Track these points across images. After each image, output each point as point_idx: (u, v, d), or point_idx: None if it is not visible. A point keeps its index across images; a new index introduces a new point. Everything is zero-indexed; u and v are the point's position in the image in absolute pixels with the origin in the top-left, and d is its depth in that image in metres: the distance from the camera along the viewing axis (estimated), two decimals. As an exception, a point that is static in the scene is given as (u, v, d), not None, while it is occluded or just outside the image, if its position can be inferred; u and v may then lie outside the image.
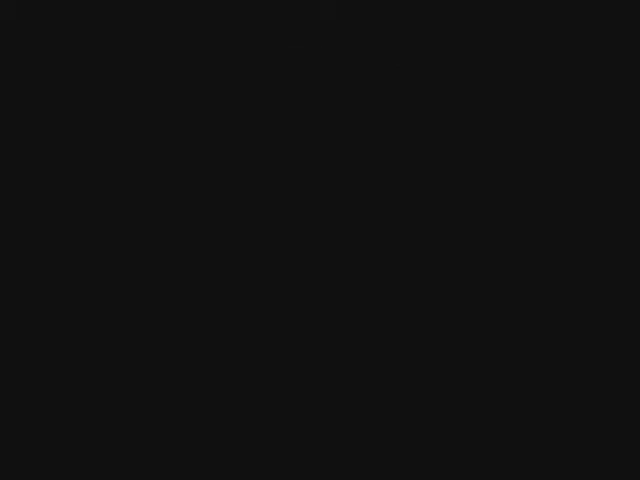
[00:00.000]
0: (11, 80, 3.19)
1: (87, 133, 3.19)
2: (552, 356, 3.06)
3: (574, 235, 3.13)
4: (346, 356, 3.07)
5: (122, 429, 3.00)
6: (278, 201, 3.16)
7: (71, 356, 3.06)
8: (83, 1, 3.23)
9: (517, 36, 3.22)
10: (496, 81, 3.20)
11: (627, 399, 3.01)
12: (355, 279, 3.12)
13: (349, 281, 3.11)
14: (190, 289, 3.10)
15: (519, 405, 3.03)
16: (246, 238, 3.13)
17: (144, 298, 3.09)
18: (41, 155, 3.16)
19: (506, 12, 3.22)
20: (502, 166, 3.16)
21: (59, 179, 3.15)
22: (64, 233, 3.13)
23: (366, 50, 3.21)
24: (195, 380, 3.05)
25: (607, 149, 3.17)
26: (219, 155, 3.17)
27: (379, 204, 3.15)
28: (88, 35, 3.23)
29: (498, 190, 3.16)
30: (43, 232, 3.13)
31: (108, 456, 2.99)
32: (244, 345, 3.08)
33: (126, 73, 3.21)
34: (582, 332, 3.07)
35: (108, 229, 3.13)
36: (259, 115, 3.19)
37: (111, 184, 3.16)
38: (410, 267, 3.12)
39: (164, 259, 3.12)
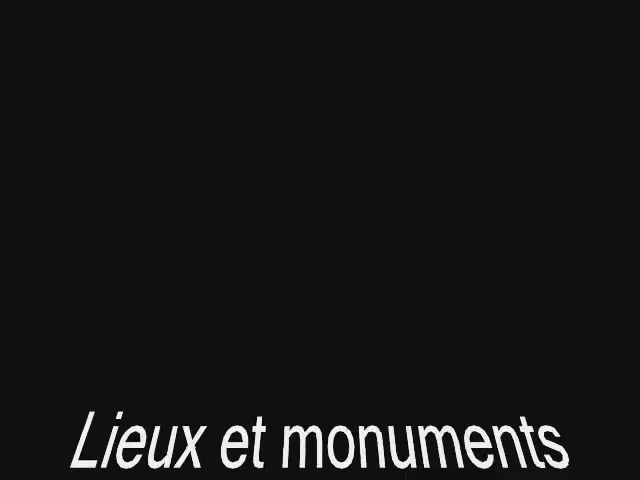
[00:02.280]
0: (11, 80, 3.20)
1: (87, 133, 3.19)
2: (552, 355, 3.06)
3: (574, 234, 3.14)
4: (346, 355, 3.08)
5: (122, 428, 3.01)
6: (278, 200, 3.16)
7: (71, 355, 3.06)
8: (83, 1, 3.24)
9: (517, 36, 3.22)
10: (496, 81, 3.21)
11: (627, 398, 3.02)
12: (355, 278, 3.12)
13: (349, 280, 3.12)
14: (190, 288, 3.11)
15: (519, 404, 3.04)
16: (246, 237, 3.14)
17: (144, 297, 3.10)
18: (41, 155, 3.17)
19: (506, 12, 3.23)
20: (501, 166, 3.17)
21: (59, 179, 3.16)
22: (64, 232, 3.14)
23: (366, 50, 3.22)
24: (195, 379, 3.06)
25: (607, 149, 3.18)
26: (219, 154, 3.18)
27: (379, 204, 3.15)
28: (88, 35, 3.23)
29: (498, 190, 3.16)
30: (43, 232, 3.13)
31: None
32: (244, 344, 3.09)
33: (126, 73, 3.21)
34: (582, 331, 3.08)
35: (108, 229, 3.14)
36: (259, 115, 3.20)
37: (111, 184, 3.17)
38: (410, 266, 3.12)
39: (164, 258, 3.13)
